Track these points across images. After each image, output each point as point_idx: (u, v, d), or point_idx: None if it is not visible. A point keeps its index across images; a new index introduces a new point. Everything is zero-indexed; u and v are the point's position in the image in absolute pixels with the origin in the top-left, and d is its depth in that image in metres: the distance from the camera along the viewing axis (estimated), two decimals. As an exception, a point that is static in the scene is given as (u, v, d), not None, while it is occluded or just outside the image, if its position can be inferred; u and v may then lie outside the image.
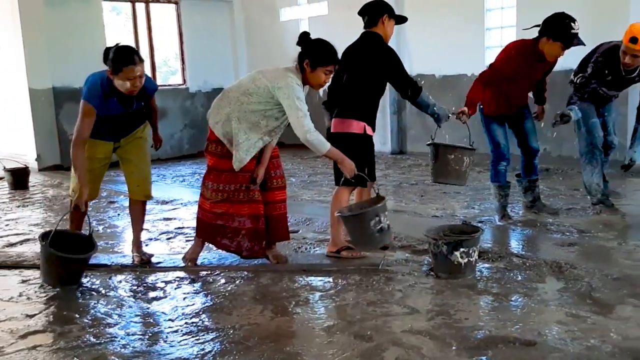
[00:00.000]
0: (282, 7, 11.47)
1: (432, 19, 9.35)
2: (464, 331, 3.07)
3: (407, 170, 8.35)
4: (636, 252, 4.22)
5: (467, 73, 9.16)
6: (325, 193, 6.92)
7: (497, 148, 5.12)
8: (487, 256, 4.24)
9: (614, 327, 3.01)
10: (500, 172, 5.17)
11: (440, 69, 9.53)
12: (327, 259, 4.42)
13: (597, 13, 7.57)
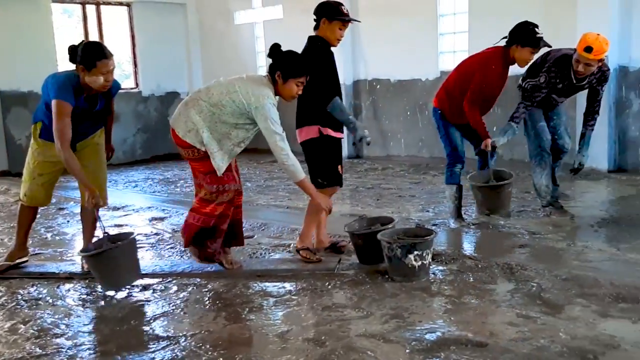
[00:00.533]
0: (237, 10, 11.40)
1: (386, 25, 9.43)
2: (417, 334, 3.08)
3: (364, 175, 8.38)
4: (584, 253, 4.31)
5: (421, 78, 9.27)
6: (282, 198, 6.88)
7: (455, 151, 5.19)
8: (441, 259, 4.27)
9: (563, 327, 3.07)
10: (456, 174, 5.23)
11: (395, 74, 9.61)
12: (283, 263, 4.39)
13: (546, 21, 7.74)
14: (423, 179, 7.80)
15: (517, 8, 7.88)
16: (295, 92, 3.96)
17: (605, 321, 3.13)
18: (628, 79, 7.38)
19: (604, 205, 5.79)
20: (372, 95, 9.94)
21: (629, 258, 4.12)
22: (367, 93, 9.99)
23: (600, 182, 6.95)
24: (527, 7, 7.81)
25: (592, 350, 2.79)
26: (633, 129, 7.42)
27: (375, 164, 9.15)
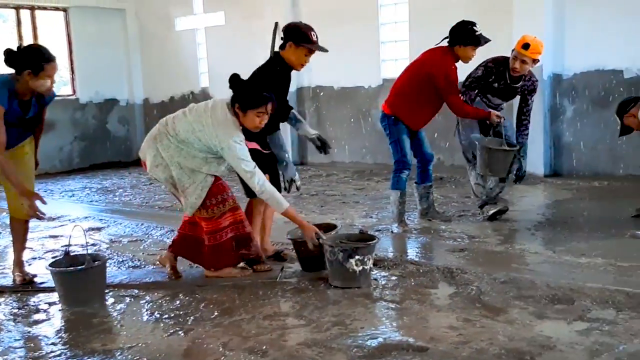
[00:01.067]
0: (178, 16, 11.23)
1: (329, 32, 9.42)
2: (359, 340, 3.06)
3: (308, 181, 8.36)
4: (522, 255, 4.41)
5: (364, 85, 9.35)
6: (224, 205, 6.78)
7: (404, 157, 5.25)
8: (383, 264, 4.29)
9: (501, 330, 3.11)
10: (402, 180, 5.29)
11: (338, 81, 9.66)
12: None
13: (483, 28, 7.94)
14: (367, 185, 7.85)
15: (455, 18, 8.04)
16: (258, 122, 3.91)
17: (541, 322, 3.20)
18: (562, 87, 7.63)
19: (540, 209, 5.94)
20: (315, 102, 9.96)
21: (564, 260, 4.23)
22: (310, 100, 10.00)
23: (537, 187, 7.14)
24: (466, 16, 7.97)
25: (529, 352, 2.84)
26: (567, 134, 7.67)
27: (319, 171, 9.16)
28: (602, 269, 3.98)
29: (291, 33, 4.29)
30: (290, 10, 9.68)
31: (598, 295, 3.47)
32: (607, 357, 2.75)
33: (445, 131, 8.42)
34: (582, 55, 7.42)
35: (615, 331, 3.02)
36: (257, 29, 9.75)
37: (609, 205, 5.92)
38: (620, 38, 7.10)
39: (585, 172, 7.52)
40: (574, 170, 7.63)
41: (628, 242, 4.59)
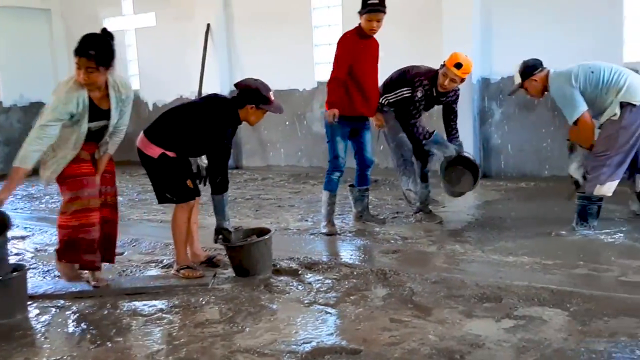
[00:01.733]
0: (106, 17, 10.91)
1: (263, 35, 9.42)
2: (293, 345, 3.04)
3: (243, 185, 8.29)
4: (452, 256, 4.49)
5: (298, 88, 9.34)
6: (155, 212, 6.64)
7: (336, 160, 5.25)
8: (318, 267, 4.28)
9: (432, 329, 3.15)
10: (334, 181, 5.31)
11: (272, 84, 9.50)
12: (154, 280, 4.21)
13: (413, 37, 8.09)
14: (303, 188, 7.84)
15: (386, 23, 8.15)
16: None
17: (471, 321, 3.26)
18: (490, 90, 7.84)
19: (470, 210, 6.08)
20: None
21: (492, 259, 4.34)
22: (245, 103, 9.91)
23: (468, 188, 7.30)
24: (396, 22, 8.10)
25: (459, 350, 2.88)
26: (495, 137, 7.88)
27: (254, 175, 9.08)
28: (528, 267, 4.10)
29: (251, 96, 4.19)
30: (222, 12, 9.58)
31: (524, 293, 3.56)
32: (533, 353, 2.82)
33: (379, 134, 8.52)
34: (508, 59, 7.60)
35: (541, 328, 3.11)
36: (188, 31, 9.60)
37: (535, 205, 6.11)
38: (543, 43, 7.36)
39: (513, 173, 7.75)
40: (502, 171, 7.85)
41: (553, 240, 4.74)
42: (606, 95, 4.75)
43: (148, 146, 4.12)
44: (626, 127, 4.71)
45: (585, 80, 4.77)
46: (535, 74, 4.99)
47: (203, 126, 4.08)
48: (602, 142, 4.80)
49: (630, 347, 2.83)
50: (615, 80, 4.74)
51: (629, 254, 4.28)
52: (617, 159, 4.76)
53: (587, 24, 7.08)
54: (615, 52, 7.01)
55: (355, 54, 5.09)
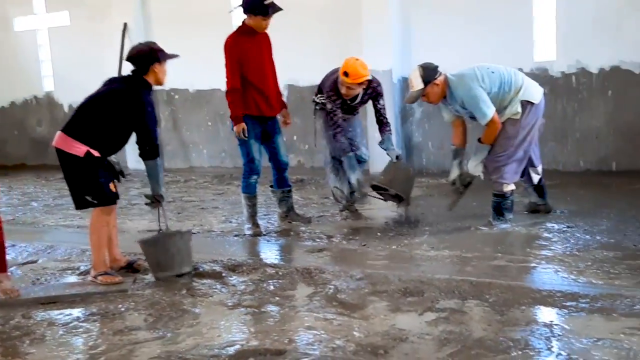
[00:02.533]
0: (16, 16, 10.43)
1: (182, 34, 9.23)
2: (216, 349, 2.98)
3: (165, 188, 8.07)
4: (376, 252, 4.53)
5: (220, 88, 9.18)
6: (72, 217, 6.38)
7: (252, 163, 5.20)
8: (242, 269, 4.23)
9: (357, 326, 3.16)
10: (252, 184, 5.27)
11: (193, 84, 9.45)
12: (71, 288, 4.05)
13: (333, 37, 8.15)
14: (227, 189, 7.74)
15: (307, 23, 8.19)
16: None
17: (395, 316, 3.29)
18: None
19: (394, 207, 6.15)
20: (170, 105, 9.67)
21: (415, 254, 4.41)
22: (165, 104, 9.69)
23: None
24: (316, 23, 8.16)
25: (383, 346, 2.90)
26: (417, 135, 8.05)
27: (177, 177, 8.90)
28: (449, 261, 4.20)
29: (150, 56, 4.11)
30: (139, 11, 9.33)
31: (446, 286, 3.63)
32: (454, 345, 2.87)
33: (304, 134, 8.54)
34: (427, 59, 7.79)
35: (462, 319, 3.17)
36: (104, 30, 9.30)
37: (455, 200, 6.26)
38: (461, 43, 7.57)
39: (434, 170, 7.93)
40: (424, 168, 8.02)
41: (472, 234, 4.87)
42: (508, 95, 4.87)
43: (72, 144, 3.97)
44: (525, 127, 4.89)
45: (489, 80, 4.83)
46: (437, 78, 4.87)
47: (122, 105, 4.00)
48: (501, 143, 4.91)
49: (545, 334, 2.93)
50: (515, 80, 4.90)
51: (542, 245, 4.45)
52: (517, 156, 4.93)
53: (500, 24, 7.34)
54: (527, 51, 7.31)
55: (245, 56, 5.02)
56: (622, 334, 2.86)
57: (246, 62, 5.01)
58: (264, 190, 6.15)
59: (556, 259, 4.08)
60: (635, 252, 4.11)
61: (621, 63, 6.88)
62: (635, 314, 3.08)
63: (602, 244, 4.35)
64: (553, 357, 2.71)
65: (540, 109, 4.97)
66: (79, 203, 4.09)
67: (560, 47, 7.17)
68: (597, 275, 3.70)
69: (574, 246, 4.34)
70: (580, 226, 4.84)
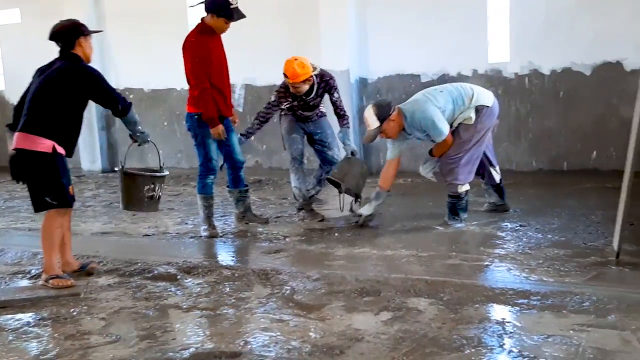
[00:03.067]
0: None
1: (137, 32, 9.11)
2: (170, 353, 2.93)
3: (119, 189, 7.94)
4: (333, 252, 4.54)
5: (176, 87, 9.11)
6: (24, 219, 6.23)
7: (209, 162, 5.16)
8: (197, 271, 4.18)
9: (314, 327, 3.16)
10: (208, 184, 5.22)
11: (149, 83, 9.32)
12: (21, 292, 3.93)
13: (292, 37, 8.15)
14: (183, 190, 7.66)
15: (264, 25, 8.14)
16: None
17: (351, 316, 3.30)
18: (367, 90, 8.05)
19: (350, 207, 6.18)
20: (125, 106, 9.51)
21: (372, 254, 4.44)
22: (120, 104, 9.53)
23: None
24: (274, 23, 8.13)
25: (339, 346, 2.91)
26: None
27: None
28: (405, 260, 4.23)
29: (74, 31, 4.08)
30: (92, 9, 9.17)
31: (401, 285, 3.66)
32: (409, 343, 2.90)
33: (261, 134, 8.48)
34: (384, 60, 7.90)
35: (417, 318, 3.20)
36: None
37: (411, 200, 6.34)
38: (417, 45, 7.66)
39: (391, 170, 7.98)
40: (382, 168, 8.06)
41: (428, 233, 4.93)
42: (463, 107, 4.96)
43: (36, 142, 3.89)
44: (480, 130, 4.99)
45: (442, 99, 4.93)
46: (391, 114, 4.93)
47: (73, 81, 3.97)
48: (455, 147, 5.00)
49: (497, 331, 2.98)
50: (464, 91, 5.01)
51: (495, 243, 4.53)
52: (470, 158, 5.02)
53: (455, 26, 7.45)
54: (482, 53, 7.44)
55: (208, 56, 4.96)
56: (572, 330, 2.93)
57: (209, 62, 4.96)
58: (220, 191, 6.10)
59: (509, 257, 4.16)
60: (585, 250, 4.22)
61: (572, 65, 7.06)
62: (585, 311, 3.16)
63: (553, 242, 4.46)
64: (505, 354, 2.76)
65: (494, 112, 5.07)
66: (38, 205, 4.00)
67: (513, 49, 7.32)
68: (548, 273, 3.79)
69: (526, 245, 4.44)
70: (533, 225, 4.95)
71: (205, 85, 4.93)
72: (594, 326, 2.97)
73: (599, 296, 3.31)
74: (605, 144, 6.98)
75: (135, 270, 4.23)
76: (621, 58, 6.79)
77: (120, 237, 5.36)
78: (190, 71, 4.98)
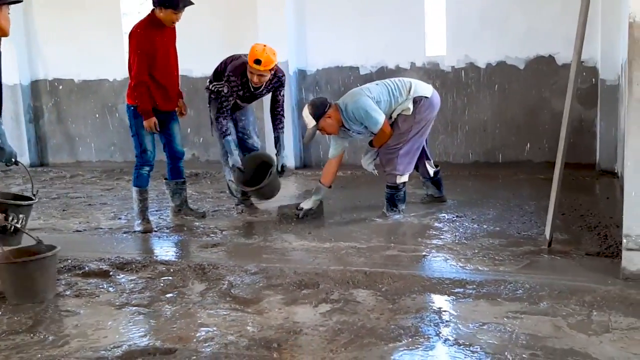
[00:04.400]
0: None
1: (66, 21, 8.77)
2: (102, 351, 2.82)
3: (49, 184, 7.66)
4: (272, 245, 4.49)
5: (108, 78, 8.83)
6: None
7: (144, 153, 5.03)
8: (131, 267, 4.05)
9: (251, 321, 3.10)
10: (143, 176, 5.08)
11: (79, 74, 8.99)
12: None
13: (229, 30, 8.02)
14: (116, 184, 7.43)
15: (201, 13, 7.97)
16: None
17: (290, 309, 3.26)
18: (306, 82, 8.01)
19: (291, 200, 6.12)
20: (54, 96, 9.15)
21: (311, 247, 4.41)
22: (48, 94, 9.16)
23: (289, 179, 7.39)
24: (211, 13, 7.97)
25: (277, 339, 2.86)
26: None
27: (62, 172, 8.43)
28: (344, 252, 4.22)
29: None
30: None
31: (340, 277, 3.64)
32: (347, 335, 2.88)
33: (198, 127, 8.34)
34: (323, 52, 7.88)
35: (355, 309, 3.19)
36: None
37: (350, 193, 6.35)
38: (355, 37, 7.67)
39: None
40: (322, 161, 8.05)
41: (367, 225, 4.93)
42: (400, 98, 5.00)
43: None
44: (419, 121, 5.04)
45: (376, 91, 4.97)
46: (327, 111, 4.94)
47: None
48: (394, 138, 5.05)
49: (435, 321, 3.00)
50: (402, 84, 5.07)
51: (432, 234, 4.58)
52: (409, 149, 5.07)
53: (393, 19, 7.50)
54: (419, 46, 7.51)
55: (153, 50, 4.86)
56: (506, 318, 2.98)
57: (153, 56, 4.85)
58: (155, 185, 5.94)
59: (446, 248, 4.21)
60: (519, 240, 4.32)
61: (507, 58, 7.22)
62: (518, 298, 3.23)
63: (489, 232, 4.54)
64: (441, 342, 2.78)
65: (434, 104, 5.12)
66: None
67: (449, 43, 7.43)
68: (484, 262, 3.85)
69: (462, 235, 4.50)
70: (469, 216, 5.03)
71: (143, 78, 4.83)
72: (527, 313, 3.03)
73: (531, 284, 3.39)
74: (538, 136, 7.18)
75: (65, 267, 4.05)
76: (553, 52, 6.99)
77: (49, 234, 5.13)
78: (131, 61, 4.88)
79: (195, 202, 6.04)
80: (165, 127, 5.15)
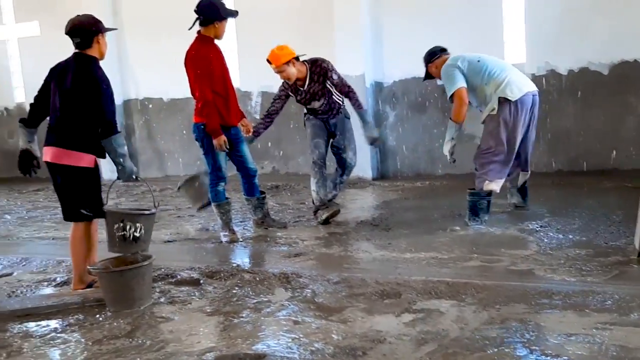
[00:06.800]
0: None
1: (155, 42, 9.22)
2: (195, 356, 2.98)
3: (141, 197, 8.05)
4: (353, 255, 4.57)
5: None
6: (47, 229, 6.33)
7: (219, 171, 5.21)
8: (219, 275, 4.22)
9: (335, 329, 3.18)
10: (220, 192, 5.28)
11: (167, 92, 9.42)
12: (47, 300, 3.99)
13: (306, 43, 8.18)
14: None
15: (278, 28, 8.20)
16: None
17: (372, 318, 3.32)
18: (383, 94, 8.07)
19: (370, 211, 6.22)
20: (144, 114, 9.63)
21: (391, 257, 4.45)
22: (139, 113, 9.65)
23: (366, 190, 7.48)
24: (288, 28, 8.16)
25: (361, 347, 2.93)
26: (391, 139, 8.12)
27: (152, 186, 8.78)
28: (425, 263, 4.24)
29: (96, 26, 4.04)
30: (110, 19, 9.26)
31: (422, 287, 3.67)
32: (432, 344, 2.91)
33: (278, 140, 8.56)
34: (399, 64, 7.92)
35: (439, 319, 3.21)
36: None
37: (430, 203, 6.34)
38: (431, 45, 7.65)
39: (409, 173, 8.01)
40: (399, 172, 8.10)
41: (448, 236, 4.92)
42: (486, 86, 5.07)
43: (79, 158, 3.92)
44: (506, 123, 5.01)
45: (470, 65, 5.14)
46: (433, 60, 5.40)
47: (86, 97, 3.88)
48: (485, 139, 5.09)
49: (520, 331, 2.98)
50: (497, 75, 5.07)
51: (516, 244, 4.52)
52: (500, 156, 5.04)
53: (470, 27, 7.45)
54: (497, 54, 7.39)
55: (211, 67, 5.01)
56: (595, 329, 2.92)
57: (211, 73, 5.01)
58: (239, 197, 6.14)
59: (530, 258, 4.15)
60: (606, 250, 4.20)
61: (589, 64, 7.03)
62: (607, 310, 3.16)
63: (575, 242, 4.44)
64: (527, 352, 2.76)
65: (520, 108, 5.05)
66: (72, 215, 4.03)
67: (529, 49, 7.31)
68: (570, 273, 3.78)
69: (547, 245, 4.43)
70: (554, 225, 4.94)
71: (208, 98, 4.98)
72: (617, 324, 2.96)
73: (621, 295, 3.30)
74: (625, 143, 6.94)
75: (159, 275, 4.28)
76: (638, 56, 6.75)
77: (142, 244, 5.40)
78: (193, 84, 5.06)
79: (276, 213, 6.20)
80: (235, 149, 5.25)
